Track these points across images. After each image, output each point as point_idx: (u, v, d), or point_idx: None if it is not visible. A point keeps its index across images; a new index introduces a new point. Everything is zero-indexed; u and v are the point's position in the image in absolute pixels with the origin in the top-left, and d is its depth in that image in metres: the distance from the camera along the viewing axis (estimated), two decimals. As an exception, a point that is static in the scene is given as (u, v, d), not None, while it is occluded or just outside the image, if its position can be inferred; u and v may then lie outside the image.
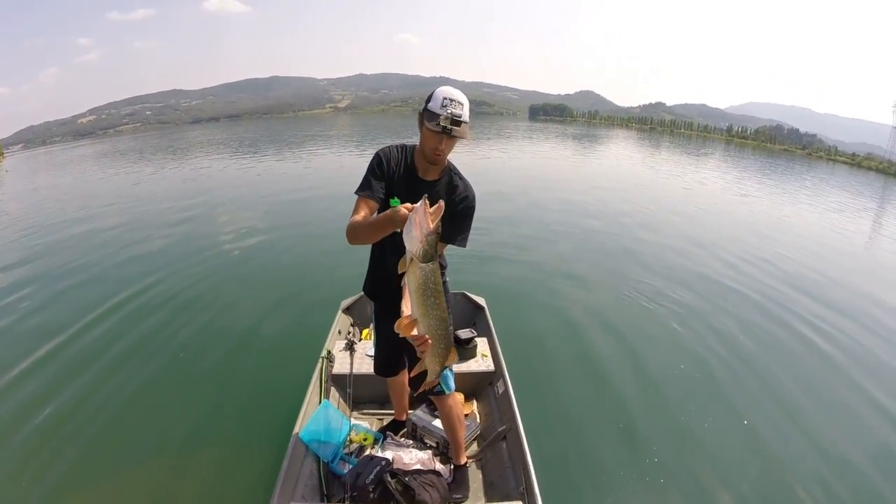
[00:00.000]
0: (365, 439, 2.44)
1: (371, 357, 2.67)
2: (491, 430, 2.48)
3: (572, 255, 6.49)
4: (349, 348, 2.86)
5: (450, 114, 1.53)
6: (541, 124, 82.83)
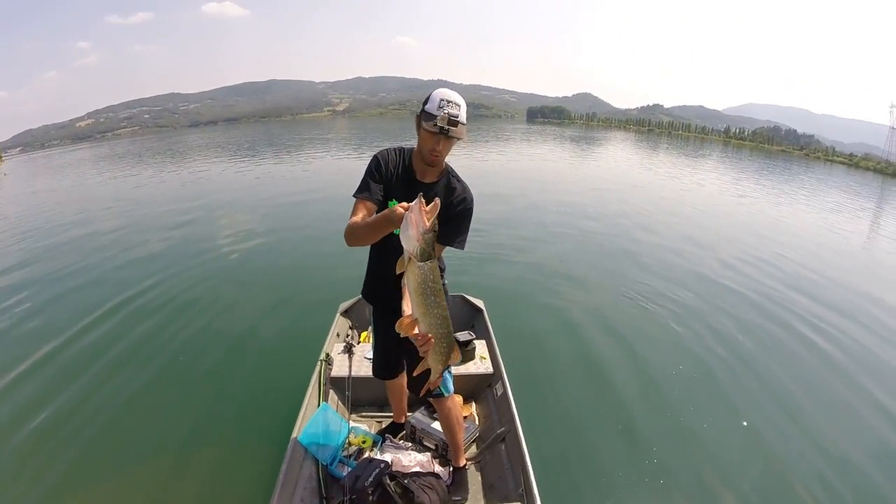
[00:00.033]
0: (364, 442, 2.44)
1: (369, 360, 2.67)
2: (490, 432, 2.47)
3: (571, 256, 6.49)
4: (348, 351, 2.87)
5: (447, 114, 1.53)
6: (539, 127, 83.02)
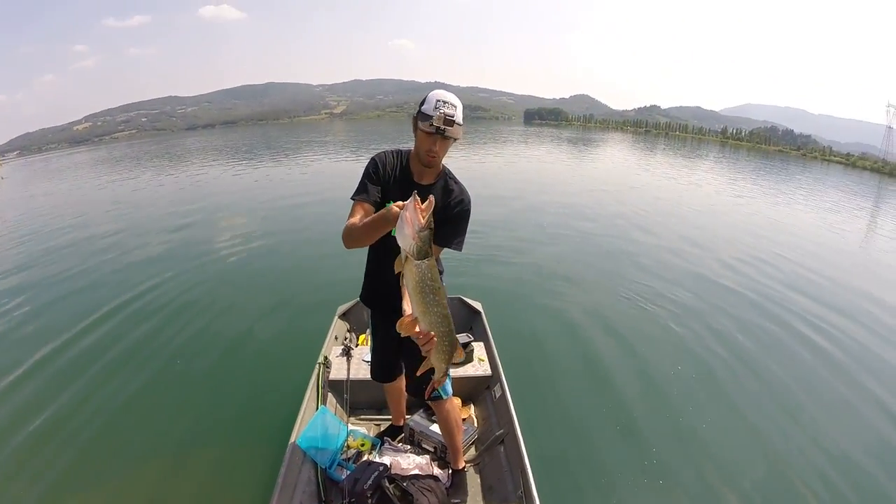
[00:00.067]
0: (362, 445, 2.43)
1: (368, 362, 2.67)
2: (489, 434, 2.47)
3: (568, 257, 6.50)
4: (346, 354, 2.86)
5: (443, 114, 1.54)
6: (536, 128, 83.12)
